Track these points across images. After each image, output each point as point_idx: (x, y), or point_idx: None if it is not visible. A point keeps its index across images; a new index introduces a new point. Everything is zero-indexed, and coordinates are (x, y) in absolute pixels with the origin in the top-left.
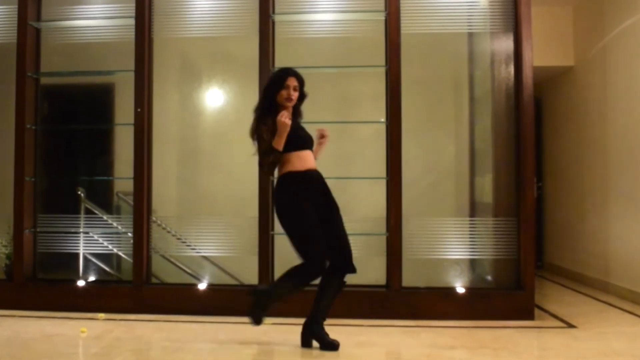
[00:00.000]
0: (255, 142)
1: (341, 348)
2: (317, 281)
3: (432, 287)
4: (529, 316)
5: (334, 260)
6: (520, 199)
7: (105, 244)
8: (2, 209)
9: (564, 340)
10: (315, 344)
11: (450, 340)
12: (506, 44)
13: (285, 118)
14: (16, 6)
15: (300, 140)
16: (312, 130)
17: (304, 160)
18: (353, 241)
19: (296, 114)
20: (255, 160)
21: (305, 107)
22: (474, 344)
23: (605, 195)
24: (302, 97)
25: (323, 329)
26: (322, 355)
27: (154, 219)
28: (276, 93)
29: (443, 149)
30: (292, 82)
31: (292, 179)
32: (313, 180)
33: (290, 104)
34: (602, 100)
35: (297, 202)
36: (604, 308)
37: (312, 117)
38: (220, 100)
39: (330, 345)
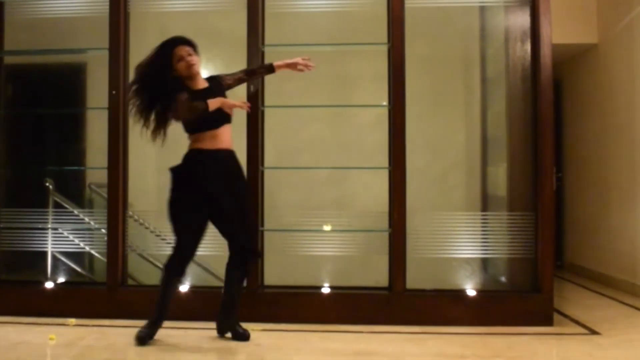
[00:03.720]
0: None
1: (338, 357)
2: None
3: (439, 290)
4: (548, 322)
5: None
6: (538, 191)
7: (77, 241)
8: None
9: (586, 348)
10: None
11: (460, 349)
12: (522, 18)
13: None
14: None
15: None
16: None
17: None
18: (352, 238)
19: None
20: (240, 149)
21: (298, 89)
22: (487, 352)
23: (633, 187)
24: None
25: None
26: None
27: (130, 213)
28: (172, 70)
29: (452, 135)
30: (184, 50)
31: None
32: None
33: (195, 69)
34: (628, 82)
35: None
36: (631, 312)
37: (306, 101)
38: None
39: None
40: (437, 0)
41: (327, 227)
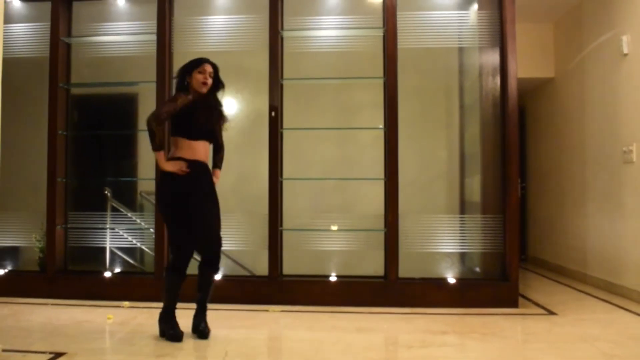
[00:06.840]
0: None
1: (343, 333)
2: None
3: (426, 278)
4: (514, 304)
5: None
6: (506, 197)
7: (130, 238)
8: (36, 206)
9: (545, 326)
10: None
11: (443, 326)
12: (493, 57)
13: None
14: (49, 23)
15: (195, 130)
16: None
17: (194, 150)
18: (354, 237)
19: (209, 99)
20: (263, 163)
21: (310, 115)
22: (464, 329)
23: (583, 194)
24: (216, 85)
25: (174, 319)
26: (322, 341)
27: None
28: (191, 75)
29: (436, 152)
30: (208, 68)
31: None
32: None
33: (205, 89)
34: (580, 109)
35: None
36: (582, 297)
37: (317, 124)
38: (233, 109)
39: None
40: (424, 42)
41: (334, 227)
